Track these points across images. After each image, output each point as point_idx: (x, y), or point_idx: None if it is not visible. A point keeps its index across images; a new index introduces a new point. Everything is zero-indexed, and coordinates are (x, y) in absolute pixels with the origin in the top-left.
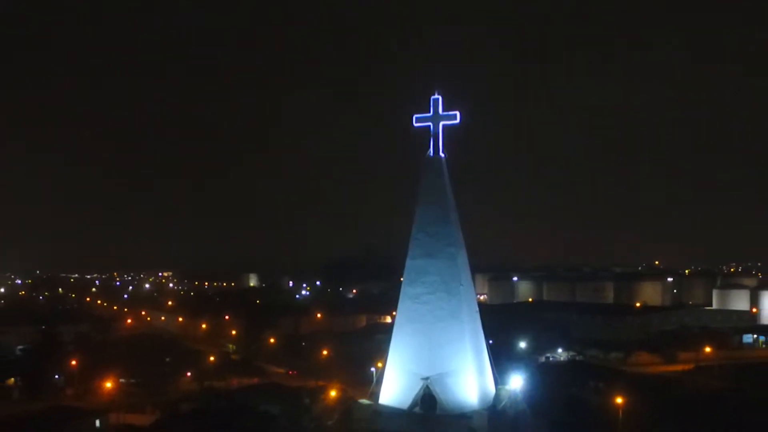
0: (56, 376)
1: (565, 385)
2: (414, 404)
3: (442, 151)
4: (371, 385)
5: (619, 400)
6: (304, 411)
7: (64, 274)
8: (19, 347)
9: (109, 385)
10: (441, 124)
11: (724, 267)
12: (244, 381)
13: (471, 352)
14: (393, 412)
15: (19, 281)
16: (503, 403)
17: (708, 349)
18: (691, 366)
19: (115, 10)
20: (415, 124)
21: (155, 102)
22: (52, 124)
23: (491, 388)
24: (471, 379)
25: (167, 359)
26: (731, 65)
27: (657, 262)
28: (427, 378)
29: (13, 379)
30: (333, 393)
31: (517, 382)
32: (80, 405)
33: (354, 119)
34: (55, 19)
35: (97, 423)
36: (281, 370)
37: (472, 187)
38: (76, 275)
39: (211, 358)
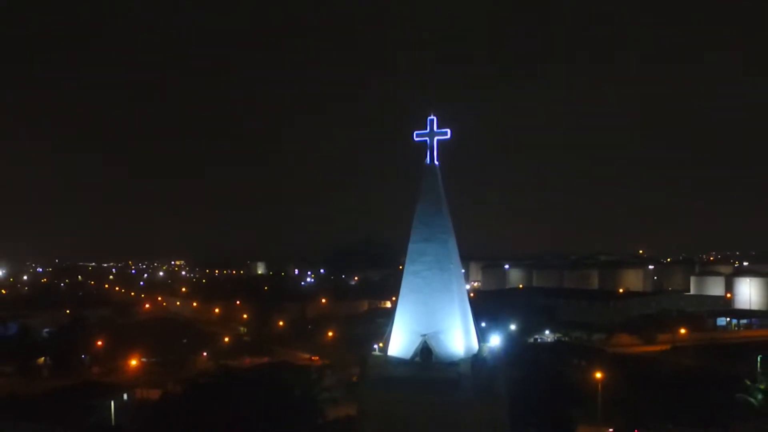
0: (83, 356)
1: (549, 362)
2: (415, 355)
3: (437, 160)
4: (383, 338)
5: (598, 374)
6: (315, 383)
7: (81, 263)
8: (45, 330)
9: (133, 362)
10: (436, 138)
11: (704, 256)
12: (255, 360)
13: (459, 316)
14: (399, 361)
15: (40, 269)
16: (484, 354)
17: (683, 331)
18: (667, 346)
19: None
20: (415, 139)
21: (169, 102)
22: (70, 121)
23: (474, 344)
24: (458, 336)
25: (184, 340)
26: (685, 66)
27: (641, 251)
28: (425, 335)
29: (42, 358)
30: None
31: (495, 340)
32: (107, 381)
33: (361, 124)
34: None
35: (125, 396)
36: (306, 355)
37: (468, 186)
38: (93, 264)
39: (226, 339)
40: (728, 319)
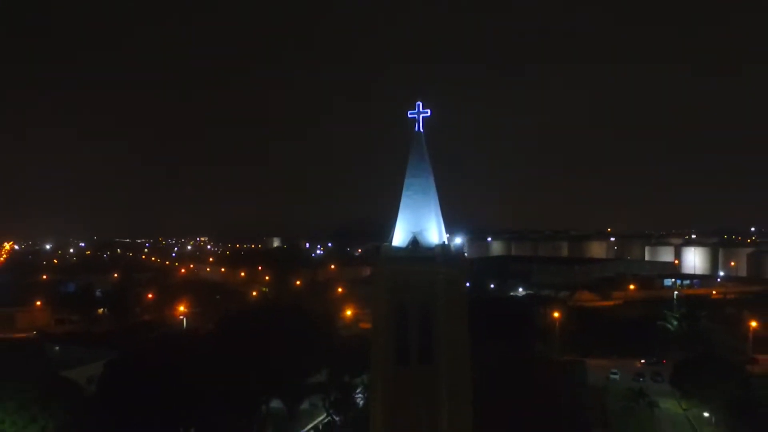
0: (136, 309)
1: (519, 307)
2: (408, 244)
3: (422, 129)
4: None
5: (555, 314)
6: (330, 319)
7: (117, 239)
8: (98, 290)
9: (181, 308)
10: (421, 116)
11: (663, 232)
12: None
13: (435, 222)
14: (399, 248)
15: (82, 244)
16: (449, 245)
17: (633, 287)
18: (620, 301)
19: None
20: (409, 116)
21: (193, 98)
22: (106, 109)
23: (445, 239)
24: (434, 233)
25: (217, 296)
26: (638, 65)
27: (609, 230)
28: (414, 232)
29: (101, 309)
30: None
31: (458, 240)
32: (157, 323)
33: (368, 113)
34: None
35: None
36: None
37: (458, 169)
38: (128, 240)
39: (254, 293)
40: (674, 280)
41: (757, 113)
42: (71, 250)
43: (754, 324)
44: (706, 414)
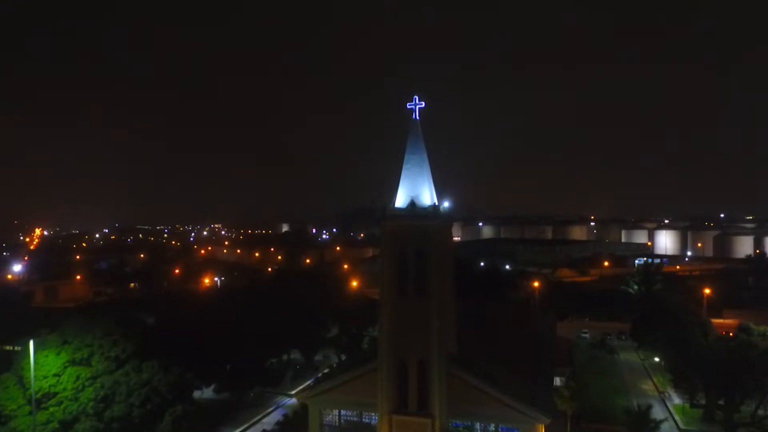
0: (164, 283)
1: (505, 279)
2: (407, 205)
3: (418, 117)
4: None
5: (536, 284)
6: (339, 287)
7: (138, 226)
8: (126, 268)
9: (206, 281)
10: (417, 106)
11: (639, 217)
12: None
13: (428, 188)
14: (400, 208)
15: (106, 230)
16: (439, 205)
17: (607, 265)
18: (596, 277)
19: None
20: (407, 107)
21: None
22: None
23: (435, 201)
24: (427, 197)
25: (235, 273)
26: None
27: (592, 217)
28: (411, 196)
29: (132, 284)
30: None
31: (446, 203)
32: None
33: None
34: None
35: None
36: None
37: (451, 161)
38: (148, 227)
39: (269, 269)
40: (645, 259)
41: (738, 112)
42: (97, 236)
43: (707, 291)
44: (656, 359)
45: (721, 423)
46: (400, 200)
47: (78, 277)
